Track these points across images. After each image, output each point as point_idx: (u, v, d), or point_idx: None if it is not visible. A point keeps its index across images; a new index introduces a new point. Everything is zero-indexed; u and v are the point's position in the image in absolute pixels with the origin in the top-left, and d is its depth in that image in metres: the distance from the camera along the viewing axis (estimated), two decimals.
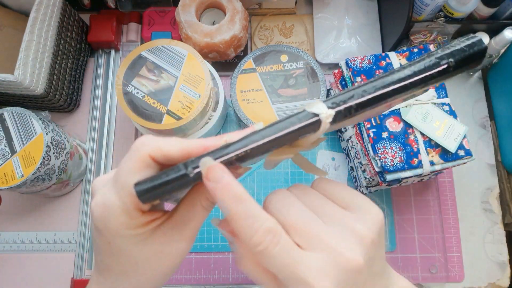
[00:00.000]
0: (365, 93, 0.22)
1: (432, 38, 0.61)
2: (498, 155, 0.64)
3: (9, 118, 0.52)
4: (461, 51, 0.22)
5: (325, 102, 0.22)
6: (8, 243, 0.61)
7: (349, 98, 0.22)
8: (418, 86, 0.22)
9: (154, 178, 0.22)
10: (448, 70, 0.22)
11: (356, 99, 0.22)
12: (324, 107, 0.22)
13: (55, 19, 0.58)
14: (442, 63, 0.22)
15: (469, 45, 0.22)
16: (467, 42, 0.22)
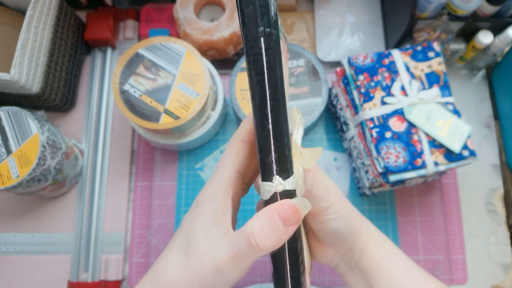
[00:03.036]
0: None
1: (435, 36, 0.60)
2: (502, 155, 0.63)
3: (5, 117, 0.51)
4: None
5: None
6: (4, 244, 0.60)
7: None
8: None
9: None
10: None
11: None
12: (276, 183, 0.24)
13: (52, 17, 0.57)
14: None
15: None
16: None
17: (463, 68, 0.68)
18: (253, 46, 0.22)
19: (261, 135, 0.23)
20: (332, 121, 0.64)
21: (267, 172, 0.23)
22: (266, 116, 0.22)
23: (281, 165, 0.23)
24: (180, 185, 0.62)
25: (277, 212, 0.22)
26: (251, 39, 0.22)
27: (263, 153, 0.23)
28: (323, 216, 0.31)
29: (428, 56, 0.54)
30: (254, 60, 0.22)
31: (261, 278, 0.58)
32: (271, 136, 0.22)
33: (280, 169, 0.23)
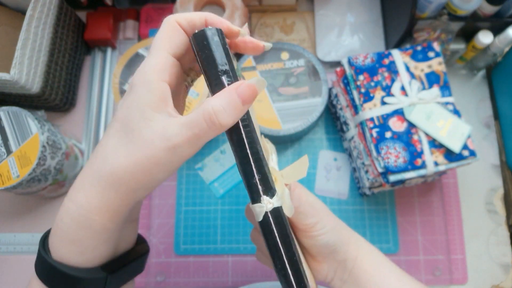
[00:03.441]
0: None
1: (435, 36, 0.60)
2: (502, 155, 0.63)
3: (5, 117, 0.52)
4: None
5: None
6: (4, 244, 0.60)
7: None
8: None
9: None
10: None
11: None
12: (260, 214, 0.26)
13: (52, 17, 0.57)
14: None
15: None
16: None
17: (463, 68, 0.68)
18: (218, 84, 0.25)
19: (242, 162, 0.26)
20: (332, 121, 0.64)
21: (255, 193, 0.26)
22: (243, 144, 0.25)
23: (265, 184, 0.26)
24: (180, 185, 0.62)
25: (237, 92, 0.24)
26: (213, 78, 0.25)
27: (248, 177, 0.26)
28: (313, 232, 0.32)
29: (428, 56, 0.54)
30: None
31: (261, 278, 0.58)
32: (251, 161, 0.25)
33: (265, 188, 0.26)
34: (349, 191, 0.61)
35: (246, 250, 0.59)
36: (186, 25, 0.27)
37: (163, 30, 0.26)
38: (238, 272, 0.58)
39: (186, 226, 0.60)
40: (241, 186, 0.61)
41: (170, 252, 0.59)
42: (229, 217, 0.60)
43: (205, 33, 0.25)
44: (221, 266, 0.58)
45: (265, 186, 0.26)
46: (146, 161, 0.24)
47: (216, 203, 0.61)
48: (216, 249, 0.59)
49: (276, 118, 0.58)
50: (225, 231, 0.60)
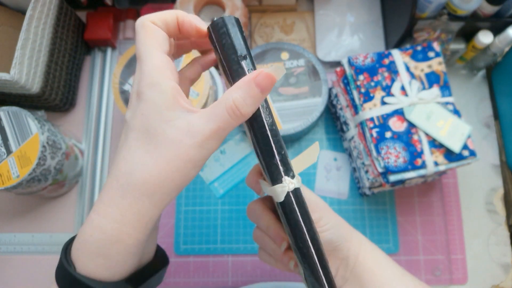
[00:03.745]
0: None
1: (435, 36, 0.60)
2: (502, 155, 0.63)
3: (5, 117, 0.51)
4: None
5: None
6: (4, 244, 0.60)
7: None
8: None
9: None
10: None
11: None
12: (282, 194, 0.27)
13: (52, 17, 0.57)
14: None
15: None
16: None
17: (463, 68, 0.68)
18: (238, 69, 0.25)
19: (263, 143, 0.26)
20: (332, 121, 0.64)
21: (276, 174, 0.26)
22: (263, 125, 0.25)
23: (285, 165, 0.26)
24: None
25: (255, 82, 0.24)
26: (233, 63, 0.25)
27: (268, 158, 0.26)
28: (317, 228, 0.32)
29: (428, 56, 0.54)
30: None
31: (261, 278, 0.58)
32: (271, 142, 0.25)
33: (286, 169, 0.26)
34: (349, 191, 0.61)
35: (246, 250, 0.59)
36: (161, 24, 0.26)
37: (143, 33, 0.25)
38: (238, 272, 0.58)
39: (186, 226, 0.60)
40: (241, 186, 0.61)
41: (170, 252, 0.59)
42: (229, 217, 0.60)
43: (224, 21, 0.25)
44: (221, 266, 0.58)
45: (285, 166, 0.26)
46: (178, 161, 0.24)
47: (216, 203, 0.61)
48: (216, 249, 0.59)
49: (276, 118, 0.58)
50: (225, 231, 0.60)
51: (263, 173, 0.27)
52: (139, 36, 0.26)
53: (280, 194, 0.26)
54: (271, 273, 0.58)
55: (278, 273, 0.58)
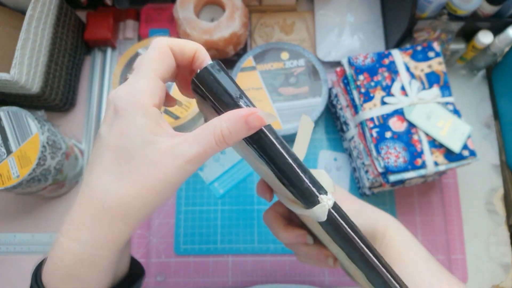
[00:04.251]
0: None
1: (435, 36, 0.60)
2: (502, 155, 0.63)
3: (5, 117, 0.51)
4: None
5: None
6: (4, 244, 0.60)
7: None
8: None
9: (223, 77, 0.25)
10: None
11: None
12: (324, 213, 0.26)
13: (52, 17, 0.57)
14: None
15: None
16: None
17: (463, 68, 0.68)
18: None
19: (288, 171, 0.25)
20: (332, 121, 0.64)
21: (310, 197, 0.25)
22: (281, 154, 0.25)
23: (315, 184, 0.26)
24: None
25: (245, 120, 0.24)
26: (231, 106, 0.25)
27: (297, 184, 0.25)
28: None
29: (428, 56, 0.54)
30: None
31: (261, 278, 0.58)
32: (295, 167, 0.25)
33: (317, 187, 0.26)
34: (349, 191, 0.61)
35: (246, 250, 0.59)
36: (177, 51, 0.26)
37: (154, 52, 0.25)
38: (238, 272, 0.58)
39: (186, 226, 0.60)
40: (241, 186, 0.61)
41: (170, 252, 0.59)
42: (229, 217, 0.60)
43: (209, 70, 0.25)
44: (221, 266, 0.58)
45: (315, 185, 0.26)
46: (157, 183, 0.24)
47: (216, 203, 0.61)
48: (216, 249, 0.59)
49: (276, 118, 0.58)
50: (225, 231, 0.60)
51: (294, 199, 0.26)
52: (148, 54, 0.25)
53: (321, 214, 0.25)
54: (271, 273, 0.58)
55: (278, 273, 0.58)
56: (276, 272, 0.58)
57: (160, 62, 0.25)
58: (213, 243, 0.59)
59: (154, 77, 0.25)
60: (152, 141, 0.24)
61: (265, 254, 0.59)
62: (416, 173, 0.50)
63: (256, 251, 0.59)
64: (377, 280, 0.28)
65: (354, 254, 0.27)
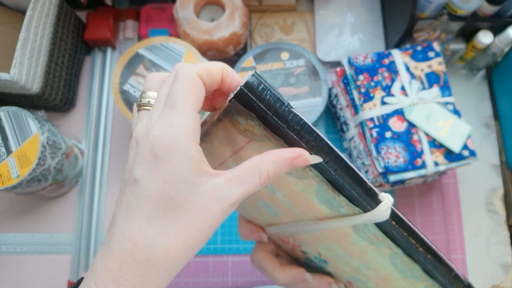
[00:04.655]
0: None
1: (435, 36, 0.60)
2: (502, 155, 0.63)
3: (5, 117, 0.51)
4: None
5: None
6: (4, 244, 0.60)
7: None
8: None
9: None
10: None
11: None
12: (389, 208, 0.24)
13: (52, 17, 0.57)
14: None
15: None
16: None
17: (463, 68, 0.68)
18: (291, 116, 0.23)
19: (350, 176, 0.24)
20: (332, 121, 0.64)
21: (373, 196, 0.24)
22: (342, 159, 0.24)
23: (371, 182, 0.24)
24: None
25: (292, 162, 0.23)
26: (285, 113, 0.23)
27: (362, 186, 0.24)
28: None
29: (428, 56, 0.54)
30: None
31: (261, 278, 0.58)
32: (355, 169, 0.24)
33: (374, 185, 0.25)
34: None
35: (246, 250, 0.59)
36: (206, 78, 0.24)
37: (186, 84, 0.23)
38: (238, 272, 0.58)
39: None
40: None
41: None
42: (229, 217, 0.60)
43: (259, 77, 0.23)
44: (221, 266, 0.58)
45: (372, 184, 0.25)
46: (203, 229, 0.23)
47: None
48: (216, 249, 0.59)
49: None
50: (225, 231, 0.59)
51: (351, 206, 0.25)
52: (179, 84, 0.23)
53: (385, 212, 0.24)
54: None
55: None
56: None
57: (194, 94, 0.23)
58: (213, 243, 0.59)
59: (192, 112, 0.22)
60: (196, 185, 0.22)
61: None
62: (416, 173, 0.50)
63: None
64: (440, 270, 0.27)
65: (416, 248, 0.26)
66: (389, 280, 0.30)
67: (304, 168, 0.24)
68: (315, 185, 0.25)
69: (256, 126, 0.23)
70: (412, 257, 0.27)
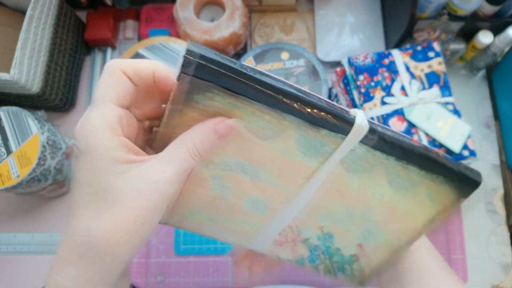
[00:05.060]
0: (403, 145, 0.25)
1: (435, 36, 0.60)
2: (502, 155, 0.63)
3: (5, 117, 0.51)
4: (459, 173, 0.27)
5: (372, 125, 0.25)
6: (4, 244, 0.60)
7: (393, 136, 0.25)
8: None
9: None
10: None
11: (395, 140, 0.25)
12: (364, 119, 0.24)
13: (52, 17, 0.57)
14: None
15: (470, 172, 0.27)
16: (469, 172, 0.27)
17: (463, 68, 0.68)
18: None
19: (320, 106, 0.24)
20: None
21: (348, 113, 0.24)
22: (309, 94, 0.24)
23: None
24: None
25: (215, 130, 0.24)
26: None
27: (333, 108, 0.24)
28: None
29: (428, 56, 0.54)
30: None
31: (261, 278, 0.58)
32: (322, 97, 0.24)
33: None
34: None
35: None
36: (132, 74, 0.24)
37: (106, 79, 0.24)
38: (238, 272, 0.58)
39: None
40: None
41: (170, 252, 0.59)
42: None
43: (195, 49, 0.21)
44: (221, 266, 0.58)
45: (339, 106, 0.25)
46: (140, 213, 0.23)
47: None
48: (216, 249, 0.59)
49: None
50: None
51: (333, 136, 0.25)
52: (101, 81, 0.24)
53: (364, 123, 0.24)
54: (271, 273, 0.58)
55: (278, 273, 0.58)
56: (276, 272, 0.58)
57: (114, 88, 0.23)
58: (213, 243, 0.59)
59: (110, 105, 0.23)
60: (123, 171, 0.23)
61: (265, 254, 0.59)
62: None
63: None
64: (435, 157, 0.27)
65: (411, 151, 0.26)
66: (393, 209, 0.29)
67: (278, 120, 0.24)
68: (294, 135, 0.25)
69: (216, 96, 0.23)
70: (405, 159, 0.26)
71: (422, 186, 0.28)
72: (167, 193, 0.24)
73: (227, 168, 0.27)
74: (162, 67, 0.25)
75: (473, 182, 0.27)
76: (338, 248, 0.33)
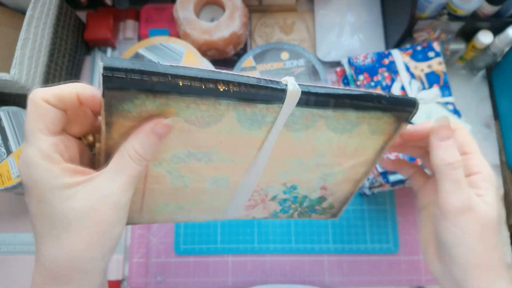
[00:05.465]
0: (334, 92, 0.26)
1: (435, 35, 0.60)
2: (502, 155, 0.63)
3: (5, 117, 0.52)
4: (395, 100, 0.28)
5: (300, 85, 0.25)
6: (4, 244, 0.60)
7: (319, 88, 0.26)
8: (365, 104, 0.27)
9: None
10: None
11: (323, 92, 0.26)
12: (295, 84, 0.25)
13: (52, 17, 0.57)
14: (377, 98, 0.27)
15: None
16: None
17: (463, 68, 0.68)
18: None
19: (249, 83, 0.24)
20: None
21: (279, 83, 0.25)
22: (233, 75, 0.24)
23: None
24: None
25: (153, 132, 0.24)
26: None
27: (264, 82, 0.25)
28: (477, 190, 0.31)
29: (428, 56, 0.54)
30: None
31: (261, 278, 0.58)
32: (249, 76, 0.24)
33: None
34: None
35: (246, 250, 0.59)
36: (55, 102, 0.24)
37: (32, 112, 0.24)
38: (238, 272, 0.58)
39: (186, 226, 0.60)
40: None
41: (170, 252, 0.59)
42: None
43: (110, 62, 0.21)
44: (221, 266, 0.58)
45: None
46: (98, 229, 0.24)
47: None
48: (216, 249, 0.59)
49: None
50: (225, 231, 0.60)
51: (270, 106, 0.25)
52: (28, 115, 0.24)
53: (295, 87, 0.25)
54: (271, 273, 0.58)
55: (278, 273, 0.58)
56: (276, 272, 0.58)
57: (41, 119, 0.24)
58: (213, 243, 0.59)
59: (41, 137, 0.23)
60: (71, 195, 0.23)
61: (265, 254, 0.59)
62: None
63: (256, 251, 0.59)
64: (364, 95, 0.28)
65: (343, 98, 0.27)
66: (343, 151, 0.31)
67: (214, 106, 0.24)
68: (234, 115, 0.25)
69: (146, 101, 0.23)
70: (340, 107, 0.27)
71: (364, 124, 0.29)
72: (121, 202, 0.24)
73: (180, 161, 0.27)
74: (85, 88, 0.25)
75: (408, 105, 0.29)
76: (305, 195, 0.36)
